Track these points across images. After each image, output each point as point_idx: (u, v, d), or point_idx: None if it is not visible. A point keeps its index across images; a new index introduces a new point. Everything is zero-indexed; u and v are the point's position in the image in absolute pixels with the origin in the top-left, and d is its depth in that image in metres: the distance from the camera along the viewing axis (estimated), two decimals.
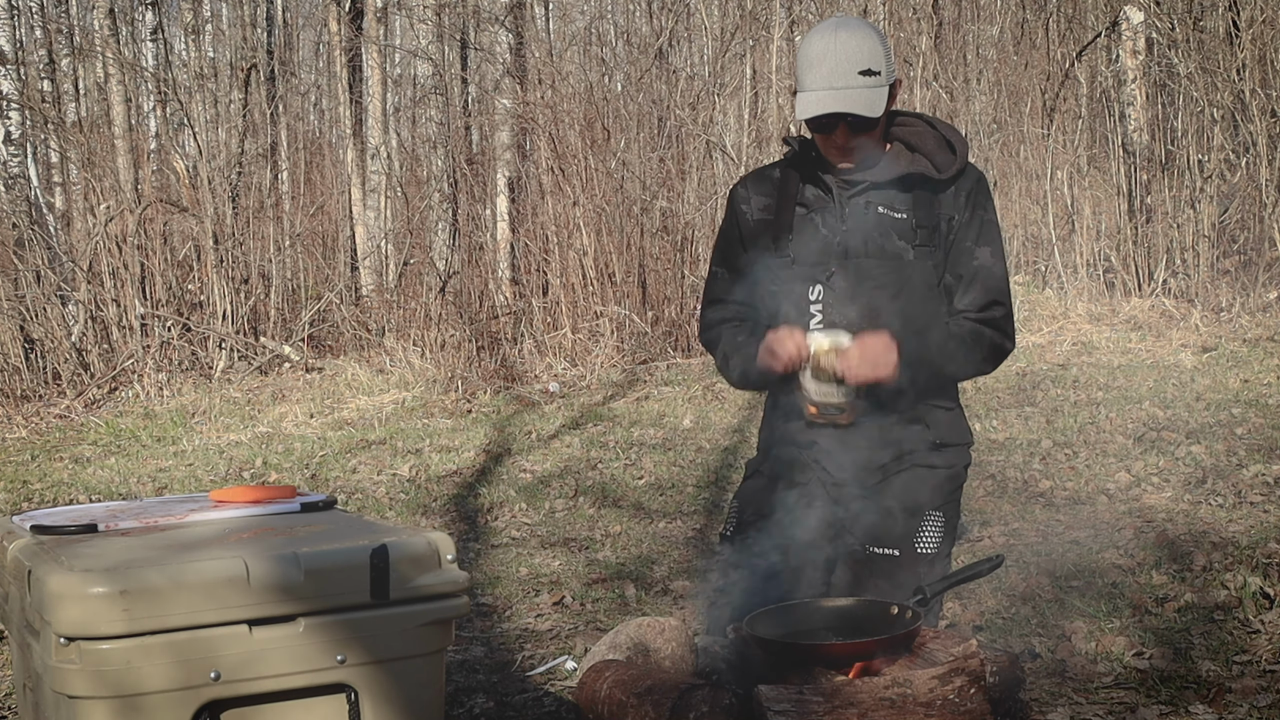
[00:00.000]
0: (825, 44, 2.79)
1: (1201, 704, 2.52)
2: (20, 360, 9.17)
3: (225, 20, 15.34)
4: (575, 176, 9.72)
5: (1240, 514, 4.03)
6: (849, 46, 2.76)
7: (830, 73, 2.76)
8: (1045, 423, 5.78)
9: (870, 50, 2.77)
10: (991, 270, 2.88)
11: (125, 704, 1.88)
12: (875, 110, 2.76)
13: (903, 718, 2.20)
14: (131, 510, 2.47)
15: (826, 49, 2.78)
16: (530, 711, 2.76)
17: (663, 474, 5.51)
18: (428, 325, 9.49)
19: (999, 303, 2.89)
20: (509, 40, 11.64)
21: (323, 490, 5.72)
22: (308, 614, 1.99)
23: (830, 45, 2.77)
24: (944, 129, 2.94)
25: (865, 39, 2.79)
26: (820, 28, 2.85)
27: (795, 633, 2.60)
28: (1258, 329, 7.56)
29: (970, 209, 2.87)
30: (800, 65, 2.84)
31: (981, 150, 10.11)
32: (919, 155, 2.89)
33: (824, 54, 2.78)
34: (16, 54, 11.49)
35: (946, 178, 2.86)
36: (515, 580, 3.97)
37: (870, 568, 2.82)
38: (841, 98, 2.75)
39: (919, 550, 2.86)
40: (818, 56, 2.79)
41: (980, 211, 2.88)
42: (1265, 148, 8.56)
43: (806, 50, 2.83)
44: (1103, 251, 9.07)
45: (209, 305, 9.95)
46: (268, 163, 11.93)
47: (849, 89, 2.75)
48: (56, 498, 5.98)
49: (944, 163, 2.87)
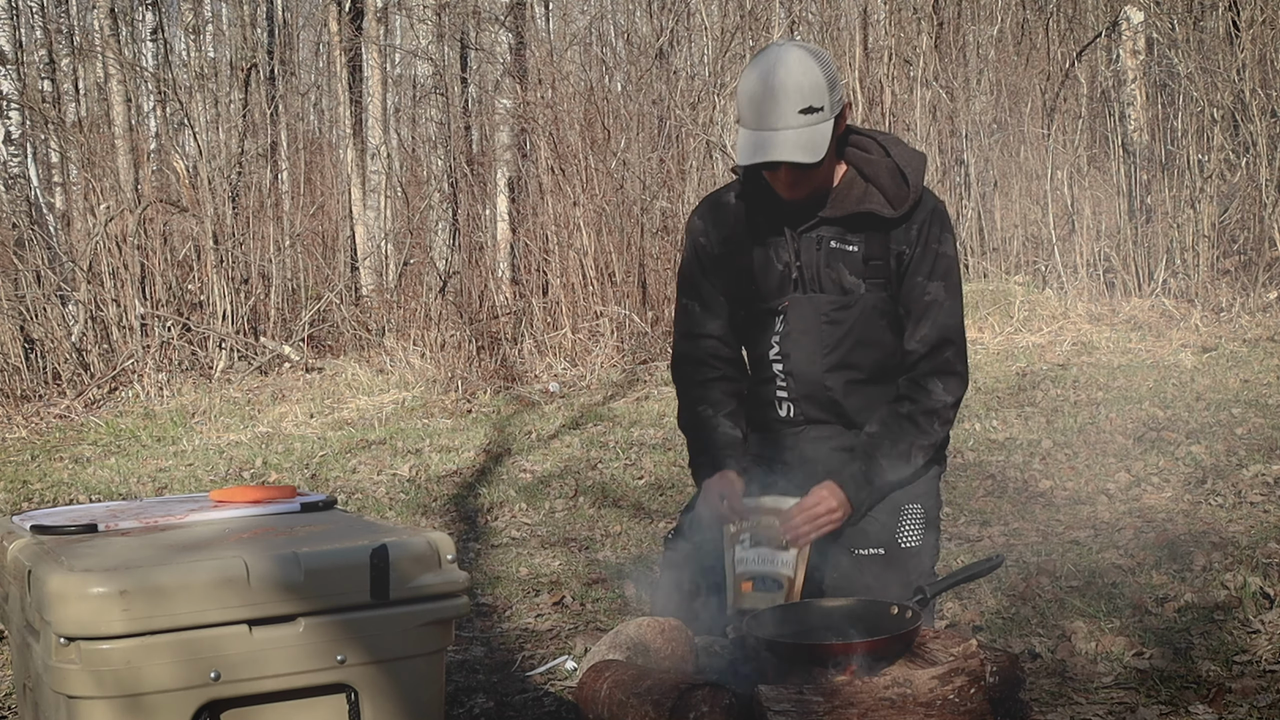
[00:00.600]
0: (763, 80, 2.66)
1: (1201, 704, 2.52)
2: (20, 360, 9.17)
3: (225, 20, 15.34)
4: (575, 176, 9.72)
5: (1240, 514, 4.03)
6: (788, 83, 2.64)
7: (769, 113, 2.65)
8: (1045, 423, 5.78)
9: (811, 85, 2.65)
10: (943, 306, 2.81)
11: (125, 704, 1.88)
12: (817, 154, 2.66)
13: (903, 718, 2.20)
14: (131, 510, 2.47)
15: (764, 86, 2.66)
16: (530, 711, 2.76)
17: (663, 474, 5.51)
18: (428, 325, 9.49)
19: (950, 341, 2.83)
20: (509, 40, 11.64)
21: (323, 490, 5.72)
22: (308, 614, 1.99)
23: (768, 82, 2.65)
24: (899, 154, 2.83)
25: (806, 73, 2.66)
26: (759, 61, 2.72)
27: (795, 632, 2.60)
28: (1258, 329, 7.56)
29: (922, 243, 2.79)
30: (739, 100, 2.73)
31: (981, 150, 10.11)
32: (871, 188, 2.80)
33: (762, 92, 2.66)
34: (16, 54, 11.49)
35: (898, 216, 2.77)
36: (515, 580, 3.97)
37: (858, 569, 2.83)
38: (781, 142, 2.64)
39: (903, 545, 2.87)
40: (755, 94, 2.67)
41: (934, 245, 2.80)
42: (1265, 148, 8.56)
43: (744, 85, 2.71)
44: (1103, 251, 9.07)
45: (209, 305, 9.95)
46: (268, 163, 11.93)
47: (788, 130, 2.64)
48: (56, 498, 5.98)
49: (897, 197, 2.78)
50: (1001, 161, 10.27)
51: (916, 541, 2.88)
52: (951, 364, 2.85)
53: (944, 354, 2.84)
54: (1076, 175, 9.44)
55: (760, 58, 2.72)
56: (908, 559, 2.86)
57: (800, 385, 2.93)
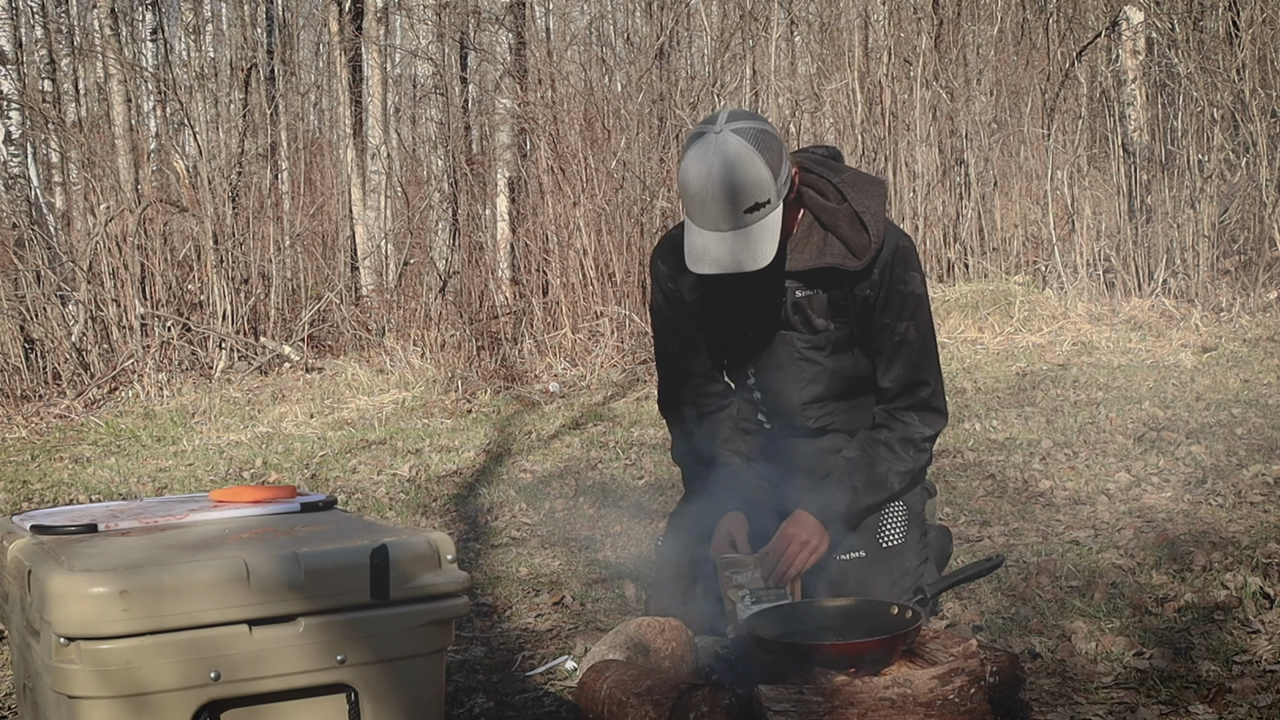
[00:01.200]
0: (705, 182, 2.55)
1: (1201, 704, 2.52)
2: (20, 360, 9.17)
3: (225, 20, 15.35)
4: (575, 176, 9.72)
5: (1240, 514, 4.03)
6: (731, 183, 2.54)
7: (715, 215, 2.56)
8: (1045, 423, 5.78)
9: (755, 181, 2.54)
10: (913, 345, 2.79)
11: (125, 704, 1.88)
12: (768, 255, 2.58)
13: (903, 718, 2.20)
14: (131, 510, 2.47)
15: (707, 189, 2.55)
16: (530, 711, 2.76)
17: (663, 474, 5.51)
18: (428, 325, 9.49)
19: (923, 381, 2.82)
20: (509, 40, 11.64)
21: (323, 490, 5.72)
22: (308, 614, 1.99)
23: (711, 184, 2.54)
24: (856, 198, 2.73)
25: (748, 168, 2.54)
26: (698, 154, 2.57)
27: (795, 633, 2.60)
28: (1258, 329, 7.56)
29: (887, 286, 2.74)
30: (683, 194, 2.61)
31: (981, 150, 10.11)
32: (831, 237, 2.73)
33: (705, 194, 2.55)
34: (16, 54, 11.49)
35: (861, 269, 2.72)
36: (515, 580, 3.97)
37: (843, 573, 2.84)
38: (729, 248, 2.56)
39: (884, 545, 2.87)
40: (699, 195, 2.56)
41: (899, 286, 2.75)
42: (1265, 148, 8.56)
43: (686, 180, 2.59)
44: (1103, 251, 9.07)
45: (209, 305, 9.95)
46: (268, 163, 11.93)
47: (736, 230, 2.55)
48: (56, 498, 5.98)
49: (858, 246, 2.71)
50: (1001, 161, 10.28)
51: (899, 539, 2.89)
52: (928, 401, 2.85)
53: (919, 394, 2.83)
54: (1076, 175, 9.44)
55: (699, 150, 2.57)
56: (890, 558, 2.87)
57: (779, 413, 2.95)
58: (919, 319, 2.80)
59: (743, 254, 2.56)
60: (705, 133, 2.59)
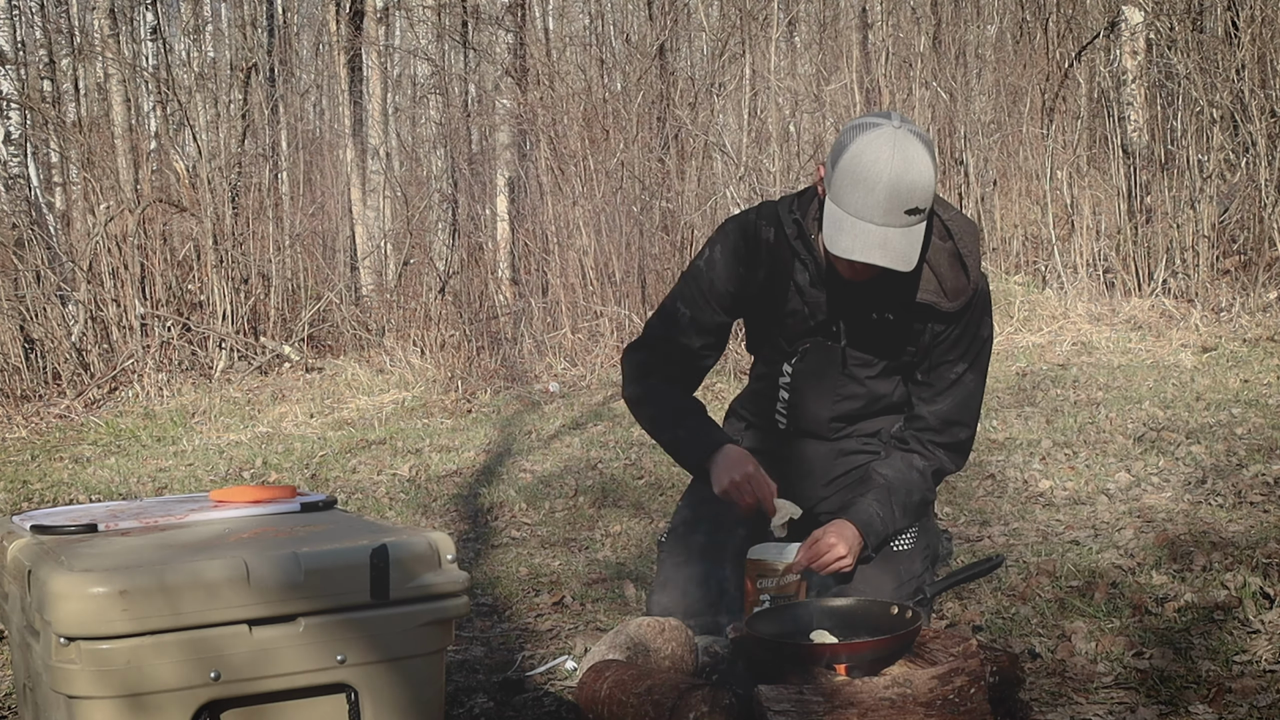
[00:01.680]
0: (881, 173, 2.46)
1: (1201, 704, 2.52)
2: (20, 360, 9.17)
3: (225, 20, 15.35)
4: (575, 176, 9.73)
5: (1240, 514, 4.03)
6: (904, 181, 2.46)
7: (875, 207, 2.47)
8: (1045, 423, 5.78)
9: (925, 184, 2.49)
10: (967, 388, 2.78)
11: (125, 704, 1.88)
12: (913, 261, 2.51)
13: (903, 718, 2.20)
14: (131, 510, 2.47)
15: (878, 177, 2.46)
16: (530, 711, 2.76)
17: (663, 474, 5.51)
18: (428, 325, 9.49)
19: (965, 424, 2.81)
20: (509, 40, 11.64)
21: (323, 490, 5.72)
22: (308, 614, 1.99)
23: (884, 174, 2.46)
24: (962, 238, 2.68)
25: (925, 171, 2.48)
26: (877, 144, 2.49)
27: (795, 632, 2.60)
28: (1258, 329, 7.56)
29: (963, 326, 2.72)
30: (844, 176, 2.51)
31: (981, 150, 10.11)
32: (929, 273, 2.67)
33: (875, 183, 2.46)
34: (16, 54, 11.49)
35: (952, 311, 2.68)
36: (515, 580, 3.97)
37: (853, 574, 2.84)
38: (882, 242, 2.48)
39: (895, 548, 2.88)
40: (867, 182, 2.47)
41: (973, 328, 2.73)
42: (1265, 148, 8.56)
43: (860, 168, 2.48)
44: (1103, 251, 9.07)
45: (209, 305, 9.96)
46: (268, 163, 11.94)
47: (890, 229, 2.48)
48: (56, 498, 5.98)
49: (954, 288, 2.67)
50: (1001, 161, 10.28)
51: (909, 543, 2.90)
52: (963, 445, 2.85)
53: (958, 435, 2.83)
54: (1076, 175, 9.44)
55: (879, 140, 2.49)
56: (900, 561, 2.87)
57: (803, 419, 2.92)
58: (979, 364, 2.79)
59: (895, 256, 2.49)
60: (882, 125, 2.51)
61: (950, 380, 2.78)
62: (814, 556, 2.73)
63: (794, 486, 2.92)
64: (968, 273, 2.68)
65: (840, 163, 2.52)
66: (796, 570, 2.74)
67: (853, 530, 2.74)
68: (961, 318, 2.72)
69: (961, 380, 2.78)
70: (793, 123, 10.62)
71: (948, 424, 2.81)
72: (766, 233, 2.78)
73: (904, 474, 2.81)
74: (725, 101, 10.41)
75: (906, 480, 2.81)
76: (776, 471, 2.94)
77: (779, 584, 2.74)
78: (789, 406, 2.91)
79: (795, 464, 2.93)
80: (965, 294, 2.68)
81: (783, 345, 2.85)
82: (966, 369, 2.78)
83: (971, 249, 2.69)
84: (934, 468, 2.84)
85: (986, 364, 2.83)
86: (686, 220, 9.55)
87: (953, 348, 2.75)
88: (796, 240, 2.73)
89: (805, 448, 2.94)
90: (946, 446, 2.84)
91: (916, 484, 2.82)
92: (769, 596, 2.74)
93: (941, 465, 2.85)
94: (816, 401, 2.87)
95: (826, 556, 2.72)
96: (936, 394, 2.80)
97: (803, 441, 2.94)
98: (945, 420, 2.81)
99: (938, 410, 2.81)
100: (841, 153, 2.52)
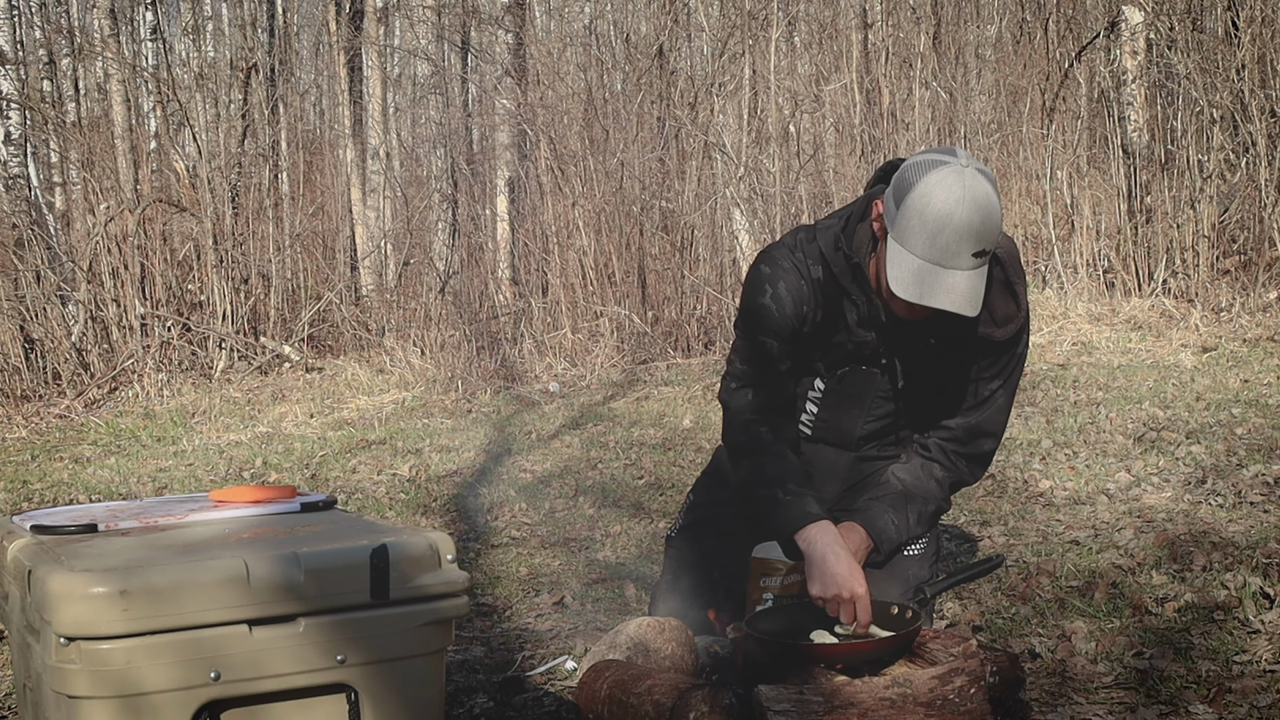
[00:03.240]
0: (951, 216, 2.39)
1: (1201, 704, 2.52)
2: (20, 360, 9.17)
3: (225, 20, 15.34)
4: (575, 176, 9.72)
5: (1240, 514, 4.03)
6: (974, 224, 2.40)
7: (946, 247, 2.41)
8: (1045, 423, 5.78)
9: (995, 227, 2.43)
10: (998, 403, 2.77)
11: (125, 704, 1.88)
12: (979, 304, 2.45)
13: (903, 718, 2.20)
14: (131, 510, 2.47)
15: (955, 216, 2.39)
16: (530, 711, 2.76)
17: (663, 474, 5.51)
18: (428, 325, 9.49)
19: (991, 435, 2.80)
20: (508, 40, 11.64)
21: (323, 490, 5.72)
22: (308, 614, 1.99)
23: (959, 220, 2.39)
24: (1011, 266, 2.63)
25: (993, 214, 2.42)
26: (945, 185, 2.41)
27: (795, 632, 2.60)
28: (1258, 329, 7.56)
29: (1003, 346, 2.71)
30: (914, 213, 2.43)
31: (981, 150, 10.11)
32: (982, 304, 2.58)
33: (946, 225, 2.40)
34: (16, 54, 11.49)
35: (1004, 340, 2.66)
36: (515, 580, 3.97)
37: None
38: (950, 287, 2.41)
39: (906, 553, 2.88)
40: (938, 224, 2.40)
41: (1012, 347, 2.71)
42: (1265, 148, 8.56)
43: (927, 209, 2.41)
44: (1103, 251, 9.07)
45: (209, 305, 9.96)
46: (268, 163, 11.94)
47: (958, 272, 2.42)
48: (56, 498, 5.98)
49: (1004, 316, 2.64)
50: (1001, 162, 10.27)
51: (919, 548, 2.90)
52: (985, 456, 2.84)
53: (983, 447, 2.82)
54: (1076, 175, 9.44)
55: (948, 181, 2.41)
56: (909, 567, 2.87)
57: (830, 434, 2.89)
58: (1011, 380, 2.78)
59: (962, 300, 2.44)
60: (950, 163, 2.44)
61: (983, 396, 2.77)
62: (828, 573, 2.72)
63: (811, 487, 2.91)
64: (1017, 300, 2.66)
65: (907, 202, 2.44)
66: (801, 571, 2.74)
67: (861, 534, 2.73)
68: (1012, 346, 2.71)
69: (993, 397, 2.77)
70: (792, 123, 10.62)
71: (974, 435, 2.80)
72: (815, 270, 2.71)
73: (923, 483, 2.80)
74: (725, 101, 10.41)
75: (925, 489, 2.79)
76: None
77: (783, 583, 2.73)
78: (816, 420, 2.88)
79: (815, 467, 2.91)
80: (1016, 322, 2.67)
81: (820, 369, 2.82)
82: (1000, 385, 2.77)
83: (1019, 275, 2.67)
84: (953, 479, 2.83)
85: (1019, 379, 2.82)
86: (686, 220, 9.55)
87: (991, 365, 2.74)
88: (852, 283, 2.67)
89: (827, 455, 2.92)
90: (969, 458, 2.82)
91: (934, 494, 2.80)
92: (772, 595, 2.73)
93: (961, 477, 2.83)
94: (849, 420, 2.85)
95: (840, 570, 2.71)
96: (968, 408, 2.78)
97: (825, 449, 2.92)
98: (972, 432, 2.80)
99: (965, 421, 2.79)
100: (908, 191, 2.45)
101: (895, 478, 2.81)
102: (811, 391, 2.85)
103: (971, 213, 2.39)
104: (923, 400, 2.81)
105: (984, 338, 2.65)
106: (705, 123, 10.05)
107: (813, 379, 2.83)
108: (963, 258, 2.41)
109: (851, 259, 2.64)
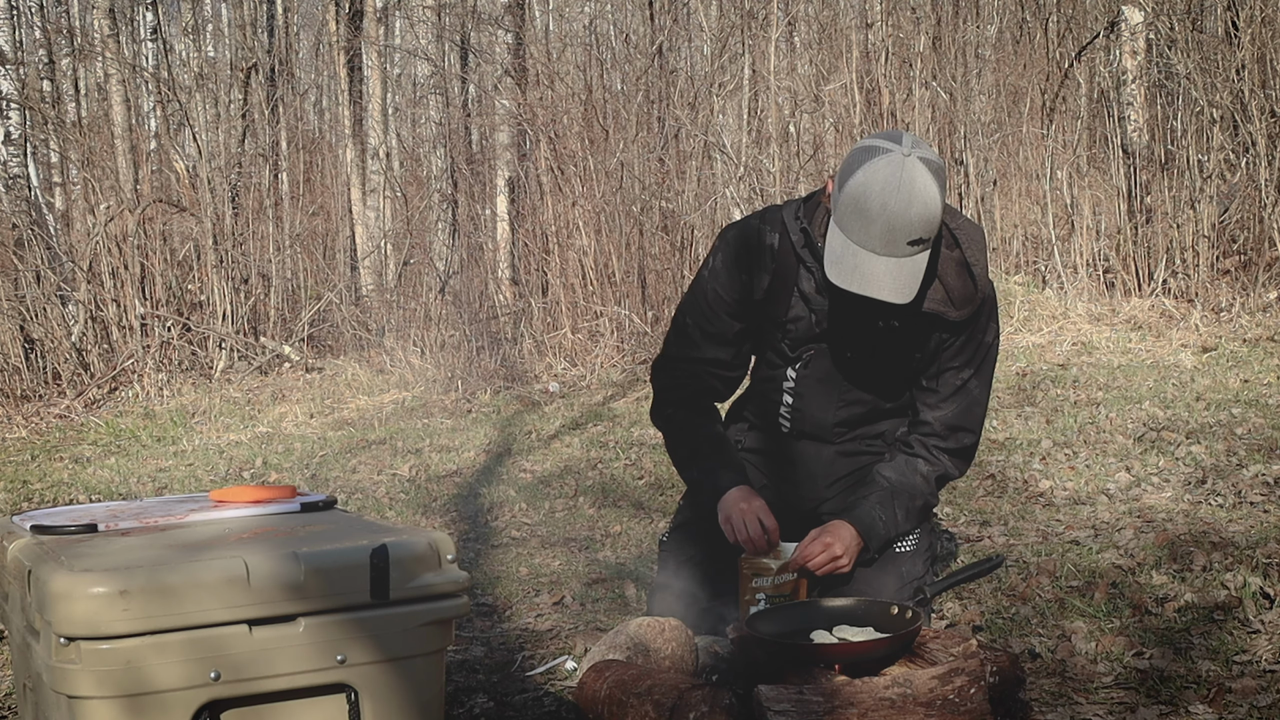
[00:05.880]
0: (884, 204, 2.43)
1: (1201, 704, 2.52)
2: (20, 360, 9.17)
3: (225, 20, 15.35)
4: (575, 176, 9.72)
5: (1240, 514, 4.03)
6: (908, 214, 2.43)
7: (878, 235, 2.44)
8: (1045, 423, 5.78)
9: (929, 218, 2.45)
10: (972, 394, 2.78)
11: (126, 704, 1.88)
12: (911, 292, 2.49)
13: (903, 718, 2.20)
14: (131, 510, 2.47)
15: (885, 211, 2.43)
16: (530, 711, 2.76)
17: (663, 474, 5.51)
18: (428, 325, 9.49)
19: (970, 430, 2.81)
20: (508, 40, 11.64)
21: (323, 490, 5.71)
22: (308, 614, 1.99)
23: (891, 208, 2.43)
24: (969, 246, 2.67)
25: (930, 204, 2.44)
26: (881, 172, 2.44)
27: (795, 632, 2.60)
28: (1258, 329, 7.56)
29: (968, 333, 2.73)
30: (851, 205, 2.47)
31: (981, 150, 10.11)
32: (937, 284, 2.66)
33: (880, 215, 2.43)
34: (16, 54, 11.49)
35: (959, 320, 2.68)
36: (515, 580, 3.98)
37: (853, 575, 2.84)
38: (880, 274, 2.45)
39: (897, 550, 2.88)
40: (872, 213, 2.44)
41: (979, 335, 2.74)
42: (1265, 148, 8.56)
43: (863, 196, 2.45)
44: (1103, 251, 9.07)
45: (209, 305, 9.96)
46: (268, 163, 11.94)
47: (890, 259, 2.46)
48: (56, 498, 5.98)
49: (962, 297, 2.67)
50: (1001, 161, 10.27)
51: (911, 544, 2.90)
52: (968, 450, 2.85)
53: (963, 440, 2.83)
54: (1076, 175, 9.44)
55: (885, 168, 2.44)
56: (902, 564, 2.87)
57: (806, 424, 2.92)
58: (984, 370, 2.79)
59: (891, 289, 2.48)
60: (891, 150, 2.46)
61: (955, 386, 2.78)
62: (809, 556, 2.73)
63: (797, 487, 2.92)
64: (975, 281, 2.68)
65: (846, 187, 2.49)
66: (792, 569, 2.74)
67: (850, 531, 2.74)
68: (968, 326, 2.72)
69: (966, 386, 2.79)
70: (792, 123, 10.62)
71: (953, 430, 2.82)
72: (771, 238, 2.77)
73: (907, 478, 2.81)
74: (725, 101, 10.41)
75: (910, 484, 2.81)
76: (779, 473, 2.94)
77: (774, 583, 2.74)
78: (793, 411, 2.91)
79: (798, 465, 2.93)
80: (973, 303, 2.68)
81: (786, 351, 2.84)
82: (971, 375, 2.78)
83: (978, 257, 2.68)
84: (938, 473, 2.84)
85: (992, 370, 2.83)
86: (686, 220, 9.55)
87: (958, 354, 2.76)
88: (804, 249, 2.73)
89: (808, 450, 2.94)
90: (951, 452, 2.84)
91: (920, 488, 2.82)
92: (764, 596, 2.74)
93: (946, 471, 2.85)
94: (820, 407, 2.87)
95: (821, 557, 2.72)
96: (941, 400, 2.80)
97: (806, 444, 2.94)
98: (950, 426, 2.81)
99: (942, 416, 2.81)
100: (848, 177, 2.49)
101: (881, 476, 2.83)
102: (786, 382, 2.87)
103: (905, 205, 2.43)
104: (891, 382, 2.83)
105: (938, 315, 2.67)
106: (705, 123, 10.05)
107: (784, 368, 2.86)
108: (896, 245, 2.45)
109: (807, 230, 2.71)
